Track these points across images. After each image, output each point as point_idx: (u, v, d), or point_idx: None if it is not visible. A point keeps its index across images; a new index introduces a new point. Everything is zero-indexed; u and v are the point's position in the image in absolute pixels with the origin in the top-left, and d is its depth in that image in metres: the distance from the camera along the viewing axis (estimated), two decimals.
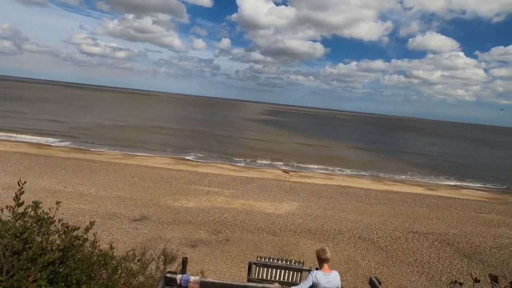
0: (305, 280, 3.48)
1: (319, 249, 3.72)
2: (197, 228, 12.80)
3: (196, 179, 23.00)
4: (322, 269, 3.59)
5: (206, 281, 2.67)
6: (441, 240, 13.93)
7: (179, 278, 2.73)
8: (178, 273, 2.89)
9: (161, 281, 2.75)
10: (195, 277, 2.70)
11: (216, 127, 66.76)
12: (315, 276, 3.48)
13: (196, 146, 40.16)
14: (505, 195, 29.30)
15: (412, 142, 78.87)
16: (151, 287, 3.52)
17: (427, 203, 22.43)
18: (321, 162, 37.23)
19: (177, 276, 2.75)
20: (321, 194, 21.88)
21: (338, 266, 10.63)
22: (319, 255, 3.67)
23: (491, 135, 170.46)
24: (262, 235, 12.78)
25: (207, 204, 17.19)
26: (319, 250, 3.69)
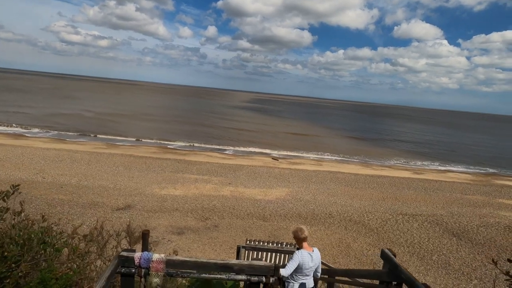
0: (291, 261, 3.38)
1: (296, 229, 3.60)
2: (184, 215, 12.35)
3: (184, 168, 22.42)
4: (304, 248, 3.52)
5: (175, 259, 2.09)
6: (430, 221, 14.03)
7: (137, 257, 2.14)
8: (137, 251, 2.27)
9: (113, 262, 2.10)
10: (160, 255, 2.13)
11: (204, 116, 65.64)
12: (300, 255, 3.39)
13: (184, 135, 39.28)
14: (487, 177, 30.11)
15: (398, 129, 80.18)
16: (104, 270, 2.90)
17: (414, 186, 22.71)
18: (310, 149, 37.19)
19: (135, 255, 2.16)
20: (311, 180, 21.76)
21: (330, 249, 10.47)
22: (297, 235, 3.57)
23: (473, 121, 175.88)
24: (252, 220, 12.48)
25: (195, 191, 16.72)
26: (297, 230, 3.58)
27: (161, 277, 2.06)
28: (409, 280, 1.85)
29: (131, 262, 2.13)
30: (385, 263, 2.21)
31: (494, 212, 17.53)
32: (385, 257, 2.21)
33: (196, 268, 2.05)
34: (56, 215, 10.37)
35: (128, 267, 2.12)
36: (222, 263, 2.00)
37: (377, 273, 2.14)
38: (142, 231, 2.72)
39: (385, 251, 2.22)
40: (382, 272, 2.26)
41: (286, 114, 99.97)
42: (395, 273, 2.04)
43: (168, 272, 2.09)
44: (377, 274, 2.13)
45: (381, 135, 60.29)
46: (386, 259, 2.22)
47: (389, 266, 2.05)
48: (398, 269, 2.02)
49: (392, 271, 2.11)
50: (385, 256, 2.24)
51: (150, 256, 2.14)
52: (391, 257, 2.15)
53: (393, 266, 2.05)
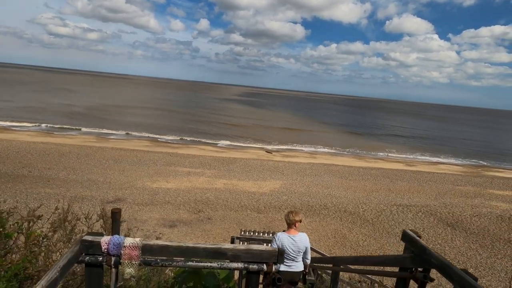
0: (270, 245, 3.30)
1: (288, 211, 3.61)
2: (176, 208, 12.03)
3: (176, 161, 22.01)
4: (288, 231, 3.48)
5: (153, 244, 1.65)
6: (424, 211, 14.05)
7: (105, 242, 1.65)
8: (105, 234, 1.77)
9: (72, 248, 1.63)
10: (134, 239, 1.66)
11: (196, 109, 64.84)
12: (278, 238, 3.35)
13: (176, 128, 38.68)
14: (478, 169, 30.54)
15: (390, 122, 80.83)
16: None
17: (407, 178, 22.81)
18: (304, 142, 37.09)
19: (102, 239, 1.67)
20: (305, 172, 21.64)
21: (325, 240, 10.34)
22: (285, 218, 3.58)
23: (462, 115, 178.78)
24: (246, 212, 12.25)
25: (187, 184, 16.39)
26: (288, 212, 3.58)
27: (135, 267, 1.63)
28: (443, 265, 1.52)
29: (97, 248, 1.67)
30: (408, 246, 1.89)
31: (486, 202, 17.71)
32: (409, 239, 1.88)
33: (180, 254, 1.66)
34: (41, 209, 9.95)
35: (93, 255, 1.67)
36: (213, 248, 1.64)
37: (397, 258, 1.83)
38: (112, 209, 2.32)
39: (408, 232, 1.88)
40: (403, 257, 1.88)
41: (279, 108, 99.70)
42: (423, 257, 1.70)
43: (145, 260, 1.66)
44: (397, 260, 1.81)
45: (373, 129, 60.65)
46: (410, 241, 1.87)
47: (414, 249, 1.75)
48: (426, 253, 1.68)
49: (418, 255, 1.74)
50: (409, 238, 1.90)
51: (121, 241, 1.68)
52: (416, 239, 1.82)
53: (420, 249, 1.73)
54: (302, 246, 3.47)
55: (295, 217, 3.48)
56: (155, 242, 1.67)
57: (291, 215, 3.49)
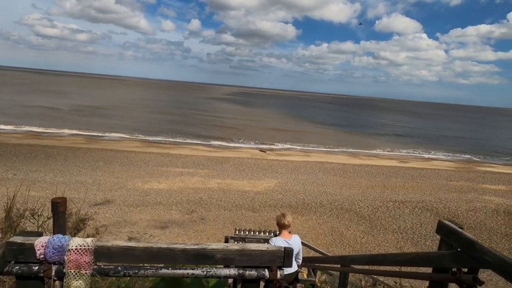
0: None
1: (279, 215, 3.51)
2: (168, 209, 11.62)
3: (168, 161, 21.53)
4: (282, 235, 3.39)
5: (111, 246, 1.16)
6: (420, 207, 13.94)
7: (41, 244, 1.13)
8: (45, 234, 1.25)
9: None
10: (83, 240, 1.15)
11: (189, 110, 64.15)
12: (274, 243, 3.27)
13: (169, 128, 38.06)
14: (469, 164, 30.84)
15: (382, 120, 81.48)
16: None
17: (401, 174, 22.80)
18: (298, 140, 36.93)
19: (37, 241, 1.14)
20: (300, 170, 21.42)
21: (323, 238, 10.08)
22: (278, 221, 3.45)
23: (452, 112, 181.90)
24: (241, 211, 11.92)
25: (180, 185, 15.97)
26: (279, 216, 3.49)
27: (86, 278, 1.11)
28: (505, 264, 1.10)
29: (30, 254, 1.14)
30: (446, 240, 1.49)
31: (480, 197, 17.76)
32: (448, 231, 1.47)
33: (150, 259, 1.20)
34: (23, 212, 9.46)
35: (25, 263, 1.14)
36: (196, 249, 1.22)
37: (430, 257, 1.51)
38: (52, 199, 1.80)
39: (445, 222, 1.53)
40: (441, 254, 1.46)
41: (272, 107, 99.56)
42: (472, 254, 1.27)
43: (100, 269, 1.16)
44: (432, 259, 1.47)
45: (366, 127, 60.97)
46: (450, 234, 1.46)
47: (458, 244, 1.37)
48: (476, 248, 1.25)
49: (463, 252, 1.34)
50: (448, 229, 1.47)
51: (64, 242, 1.14)
52: (459, 231, 1.42)
53: (466, 244, 1.32)
54: (297, 248, 3.44)
55: (289, 219, 3.43)
56: (114, 243, 1.18)
57: (283, 219, 3.41)
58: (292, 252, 1.24)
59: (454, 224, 1.45)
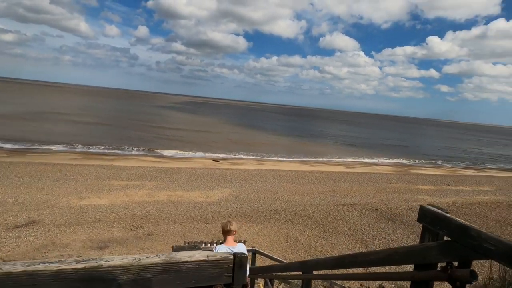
0: None
1: (224, 222, 3.47)
2: (109, 226, 10.32)
3: (111, 174, 19.58)
4: (226, 242, 3.29)
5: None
6: (367, 208, 14.73)
7: None
8: None
9: None
10: None
11: (136, 119, 60.25)
12: (217, 250, 3.14)
13: (112, 138, 35.01)
14: (405, 168, 34.15)
15: (329, 130, 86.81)
16: None
17: (348, 179, 24.13)
18: (251, 149, 37.01)
19: None
20: (254, 179, 21.27)
21: (278, 245, 9.89)
22: (223, 227, 3.38)
23: (387, 122, 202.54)
24: (193, 224, 11.15)
25: (124, 199, 14.50)
26: (224, 223, 3.43)
27: None
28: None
29: None
30: (431, 230, 1.20)
31: (415, 196, 19.57)
32: (434, 218, 1.19)
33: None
34: None
35: None
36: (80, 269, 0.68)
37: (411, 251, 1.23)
38: None
39: (429, 208, 1.27)
40: (427, 247, 1.17)
41: (225, 116, 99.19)
42: (465, 242, 1.01)
43: None
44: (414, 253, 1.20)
45: (315, 135, 64.17)
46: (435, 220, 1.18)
47: (447, 232, 1.10)
48: (471, 235, 0.99)
49: (454, 241, 1.07)
50: (434, 216, 1.20)
51: None
52: (447, 216, 1.16)
53: (458, 230, 1.06)
54: None
55: (234, 226, 3.34)
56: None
57: (229, 225, 3.33)
58: (246, 259, 0.85)
59: (438, 208, 1.23)
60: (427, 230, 1.23)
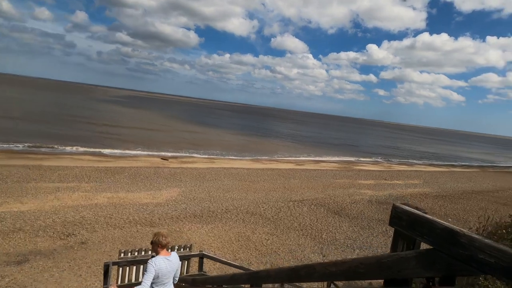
0: (146, 273, 3.05)
1: (158, 234, 3.34)
2: (32, 236, 8.84)
3: (39, 175, 17.12)
4: (161, 253, 3.26)
5: None
6: (315, 204, 15.27)
7: None
8: None
9: None
10: None
11: (72, 113, 54.11)
12: (155, 263, 3.10)
13: (41, 135, 30.81)
14: (349, 164, 36.64)
15: (279, 128, 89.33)
16: None
17: (298, 175, 24.92)
18: (202, 147, 36.01)
19: None
20: (205, 177, 20.60)
21: (229, 245, 9.56)
22: (159, 242, 3.26)
23: (332, 121, 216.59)
24: (136, 228, 10.21)
25: (54, 203, 12.72)
26: (158, 238, 3.28)
27: None
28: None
29: None
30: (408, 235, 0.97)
31: (357, 191, 21.01)
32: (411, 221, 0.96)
33: None
34: None
35: None
36: None
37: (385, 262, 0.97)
38: None
39: (404, 208, 1.03)
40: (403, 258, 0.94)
41: (175, 113, 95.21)
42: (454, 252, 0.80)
43: None
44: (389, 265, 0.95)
45: (266, 133, 65.33)
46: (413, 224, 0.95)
47: (429, 238, 0.88)
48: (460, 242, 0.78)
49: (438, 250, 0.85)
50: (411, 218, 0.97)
51: None
52: (428, 217, 0.93)
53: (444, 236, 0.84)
54: (176, 265, 3.39)
55: (168, 238, 3.31)
56: None
57: (162, 238, 3.26)
58: None
59: (415, 208, 1.00)
60: (401, 236, 0.99)
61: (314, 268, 1.20)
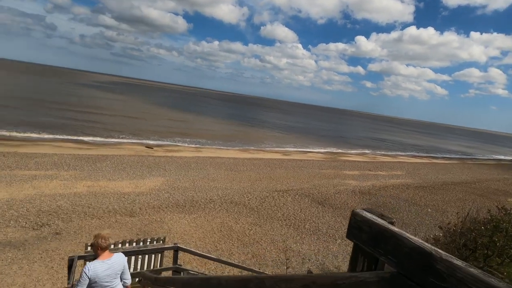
0: (80, 281, 2.89)
1: (98, 236, 3.12)
2: (2, 226, 8.41)
3: (14, 162, 16.38)
4: (100, 256, 3.09)
5: None
6: (300, 194, 15.33)
7: None
8: None
9: None
10: None
11: (52, 98, 51.94)
12: (89, 269, 2.93)
13: (18, 120, 29.46)
14: (334, 155, 37.04)
15: (268, 118, 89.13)
16: None
17: (284, 165, 24.96)
18: (188, 136, 35.46)
19: None
20: (190, 166, 20.30)
21: (211, 236, 9.45)
22: (98, 246, 3.06)
23: (320, 112, 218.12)
24: (115, 218, 9.91)
25: (30, 192, 12.20)
26: (98, 241, 3.08)
27: None
28: None
29: None
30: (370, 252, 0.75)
31: (342, 181, 21.27)
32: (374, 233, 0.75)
33: None
34: None
35: None
36: None
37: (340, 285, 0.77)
38: None
39: (364, 215, 0.85)
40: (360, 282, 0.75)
41: (162, 100, 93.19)
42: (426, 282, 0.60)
43: None
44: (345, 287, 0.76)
45: (254, 123, 65.04)
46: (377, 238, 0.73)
47: (396, 260, 0.66)
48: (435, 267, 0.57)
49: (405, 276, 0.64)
50: (374, 229, 0.76)
51: None
52: (399, 233, 0.69)
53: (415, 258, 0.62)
54: (119, 267, 3.19)
55: (108, 240, 3.10)
56: None
57: (102, 240, 3.05)
58: None
59: (379, 215, 0.81)
60: (361, 252, 0.79)
61: (264, 282, 1.03)
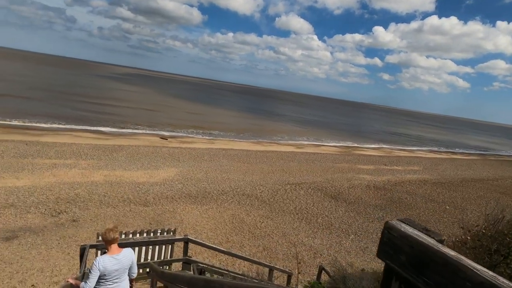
0: (91, 273, 2.96)
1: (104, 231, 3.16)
2: (24, 212, 8.80)
3: (36, 151, 17.03)
4: (111, 250, 3.15)
5: None
6: (313, 187, 15.15)
7: None
8: None
9: None
10: None
11: (73, 89, 53.52)
12: (99, 263, 2.99)
13: (41, 111, 30.57)
14: (349, 149, 36.37)
15: (282, 111, 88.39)
16: None
17: (297, 159, 24.74)
18: (202, 128, 35.72)
19: None
20: (203, 158, 20.47)
21: (223, 227, 9.51)
22: (105, 238, 3.12)
23: (335, 105, 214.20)
24: (129, 207, 10.14)
25: (50, 180, 12.66)
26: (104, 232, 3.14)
27: None
28: None
29: None
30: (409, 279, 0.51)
31: (356, 175, 20.87)
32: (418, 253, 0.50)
33: None
34: None
35: None
36: None
37: None
38: None
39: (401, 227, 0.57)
40: None
41: (177, 92, 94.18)
42: None
43: None
44: None
45: (268, 116, 64.69)
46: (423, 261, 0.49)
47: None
48: None
49: None
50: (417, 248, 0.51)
51: None
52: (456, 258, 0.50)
53: None
54: (128, 262, 3.23)
55: (116, 234, 3.13)
56: None
57: (110, 233, 3.09)
58: None
59: (423, 229, 0.58)
60: (396, 276, 0.58)
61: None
